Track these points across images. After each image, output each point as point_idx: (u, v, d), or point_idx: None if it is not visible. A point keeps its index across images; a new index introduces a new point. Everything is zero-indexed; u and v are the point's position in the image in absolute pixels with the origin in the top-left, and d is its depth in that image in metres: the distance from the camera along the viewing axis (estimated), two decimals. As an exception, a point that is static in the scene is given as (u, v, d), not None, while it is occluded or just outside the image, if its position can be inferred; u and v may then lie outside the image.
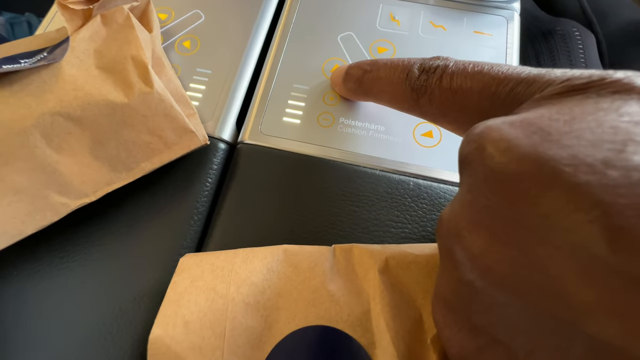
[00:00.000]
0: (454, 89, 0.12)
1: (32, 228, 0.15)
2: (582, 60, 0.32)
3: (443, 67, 0.13)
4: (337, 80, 0.19)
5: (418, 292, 0.13)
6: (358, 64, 0.17)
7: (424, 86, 0.13)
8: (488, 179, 0.09)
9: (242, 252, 0.14)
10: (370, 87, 0.16)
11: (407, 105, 0.14)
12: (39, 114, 0.15)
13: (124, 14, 0.17)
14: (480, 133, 0.09)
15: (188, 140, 0.16)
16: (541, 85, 0.10)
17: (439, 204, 0.17)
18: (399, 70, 0.14)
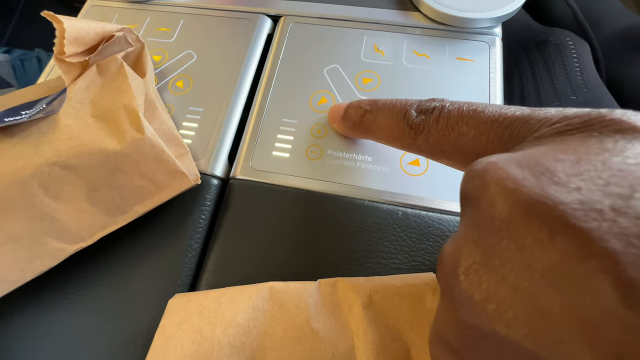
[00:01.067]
0: (451, 126, 0.13)
1: (32, 274, 0.16)
2: (577, 69, 0.33)
3: (440, 108, 0.13)
4: (334, 117, 0.19)
5: (404, 325, 0.13)
6: (357, 104, 0.18)
7: (422, 125, 0.14)
8: (494, 219, 0.09)
9: (228, 292, 0.14)
10: (369, 126, 0.17)
11: (404, 143, 0.15)
12: (37, 164, 0.15)
13: (118, 63, 0.18)
14: (485, 170, 0.09)
15: (179, 181, 0.17)
16: (538, 123, 0.10)
17: (428, 233, 0.17)
18: (397, 110, 0.15)
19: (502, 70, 0.21)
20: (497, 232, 0.08)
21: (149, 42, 0.24)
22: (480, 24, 0.22)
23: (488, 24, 0.22)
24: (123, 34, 0.20)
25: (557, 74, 0.33)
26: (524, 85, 0.34)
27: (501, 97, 0.20)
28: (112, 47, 0.20)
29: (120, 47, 0.20)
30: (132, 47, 0.20)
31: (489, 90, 0.20)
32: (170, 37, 0.24)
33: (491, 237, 0.09)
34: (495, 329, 0.08)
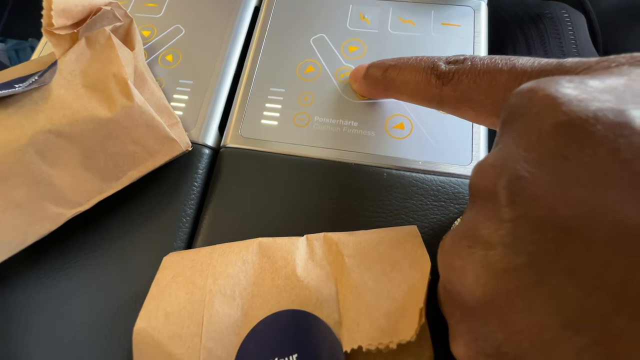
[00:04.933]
0: (483, 72, 0.13)
1: (33, 237, 0.16)
2: (573, 43, 0.32)
3: (471, 58, 0.14)
4: (356, 76, 0.19)
5: (385, 267, 0.14)
6: (382, 61, 0.18)
7: (451, 73, 0.14)
8: (555, 127, 0.09)
9: (219, 248, 0.15)
10: (392, 81, 0.17)
11: (429, 94, 0.15)
12: (32, 132, 0.16)
13: (106, 35, 0.19)
14: (535, 87, 0.09)
15: (170, 147, 0.18)
16: (574, 65, 0.11)
17: (411, 192, 0.18)
18: (424, 63, 0.15)
19: (487, 34, 0.22)
20: (550, 139, 0.09)
21: (138, 18, 0.24)
22: (465, -11, 0.22)
23: (473, -11, 0.22)
24: (111, 9, 0.20)
25: (552, 47, 0.33)
26: (518, 58, 0.34)
27: (485, 60, 0.21)
28: (100, 21, 0.20)
29: (109, 21, 0.20)
30: (120, 22, 0.20)
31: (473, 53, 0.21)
32: (158, 13, 0.24)
33: (541, 144, 0.09)
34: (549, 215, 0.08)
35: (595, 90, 0.09)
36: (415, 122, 0.19)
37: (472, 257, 0.09)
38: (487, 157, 0.10)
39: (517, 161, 0.09)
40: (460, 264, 0.10)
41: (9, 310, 0.18)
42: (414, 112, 0.20)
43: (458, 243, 0.10)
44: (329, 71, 0.21)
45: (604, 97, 0.08)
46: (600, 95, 0.08)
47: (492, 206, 0.09)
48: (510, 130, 0.10)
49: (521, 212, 0.09)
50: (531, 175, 0.09)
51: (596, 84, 0.09)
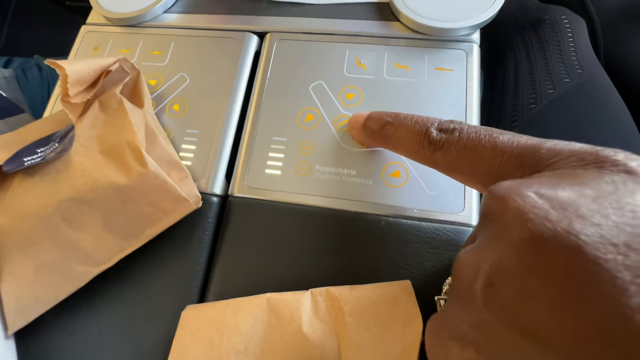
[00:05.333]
0: (469, 147, 0.14)
1: (64, 294, 0.18)
2: (572, 49, 0.33)
3: (459, 129, 0.15)
4: (354, 125, 0.21)
5: (381, 327, 0.15)
6: (379, 115, 0.19)
7: (442, 143, 0.15)
8: (513, 241, 0.10)
9: (232, 304, 0.17)
10: (389, 137, 0.18)
11: (422, 156, 0.17)
12: (58, 201, 0.18)
13: (117, 99, 0.20)
14: (507, 195, 0.10)
15: (182, 206, 0.19)
16: (548, 153, 0.12)
17: (408, 240, 0.19)
18: (419, 126, 0.17)
19: (480, 78, 0.22)
20: (521, 253, 0.10)
21: (144, 67, 0.25)
22: (458, 33, 0.23)
23: (465, 32, 0.23)
24: (119, 64, 0.21)
25: (552, 55, 0.33)
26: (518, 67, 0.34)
27: (477, 107, 0.22)
28: (111, 79, 0.21)
29: (118, 76, 0.22)
30: (128, 74, 0.22)
31: (465, 101, 0.22)
32: (163, 61, 0.25)
33: (513, 257, 0.10)
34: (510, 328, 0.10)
35: (560, 206, 0.10)
36: (410, 170, 0.21)
37: (452, 350, 0.11)
38: (468, 250, 0.12)
39: (491, 268, 0.10)
40: (442, 354, 0.11)
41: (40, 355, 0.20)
42: (409, 160, 0.21)
43: (442, 332, 0.11)
44: (327, 120, 0.22)
45: (568, 215, 0.10)
46: (564, 213, 0.10)
47: (471, 304, 0.11)
48: (486, 229, 0.11)
49: (493, 317, 0.10)
50: (501, 285, 0.10)
51: (563, 197, 0.10)
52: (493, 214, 0.11)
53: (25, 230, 0.17)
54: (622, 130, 0.26)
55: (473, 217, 0.19)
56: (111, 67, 0.21)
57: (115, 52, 0.26)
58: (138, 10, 0.26)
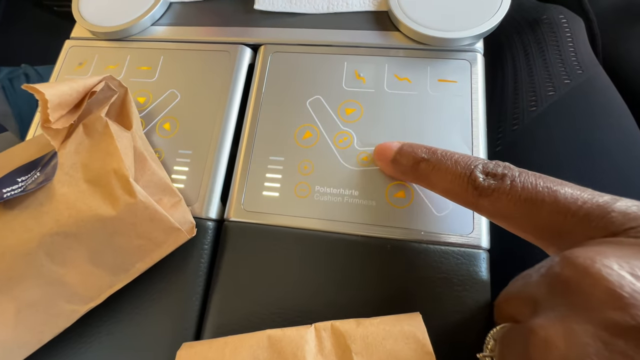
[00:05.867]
0: (523, 199, 0.13)
1: (49, 336, 0.17)
2: (571, 49, 0.32)
3: (511, 177, 0.14)
4: (381, 157, 0.19)
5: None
6: (411, 149, 0.17)
7: (489, 189, 0.14)
8: (625, 329, 0.09)
9: (231, 342, 0.16)
10: (425, 176, 0.17)
11: (464, 199, 0.15)
12: (41, 235, 0.16)
13: (103, 122, 0.19)
14: (593, 269, 0.10)
15: (175, 237, 0.18)
16: (622, 217, 0.11)
17: (414, 264, 0.18)
18: (460, 167, 0.15)
19: (485, 89, 0.21)
20: (610, 336, 0.09)
21: (132, 83, 0.24)
22: (461, 43, 0.22)
23: (469, 42, 0.22)
24: (105, 83, 0.20)
25: (551, 55, 0.32)
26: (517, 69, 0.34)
27: (483, 119, 0.21)
28: (97, 98, 0.20)
29: (104, 94, 0.20)
30: (115, 93, 0.20)
31: (471, 113, 0.21)
32: (152, 77, 0.24)
33: (603, 340, 0.09)
34: None
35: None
36: (415, 189, 0.20)
37: None
38: (545, 323, 0.11)
39: (588, 353, 0.09)
40: None
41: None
42: (414, 178, 0.20)
43: None
44: (327, 137, 0.21)
45: None
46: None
47: None
48: (570, 305, 0.10)
49: None
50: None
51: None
52: (574, 285, 0.10)
53: (5, 269, 0.16)
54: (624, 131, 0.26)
55: (482, 239, 0.18)
56: (96, 87, 0.19)
57: (101, 67, 0.25)
58: (125, 23, 0.25)
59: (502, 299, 0.15)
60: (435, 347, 0.15)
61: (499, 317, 0.15)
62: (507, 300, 0.14)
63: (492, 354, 0.14)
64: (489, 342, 0.14)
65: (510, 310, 0.14)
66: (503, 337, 0.13)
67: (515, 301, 0.14)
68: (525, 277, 0.14)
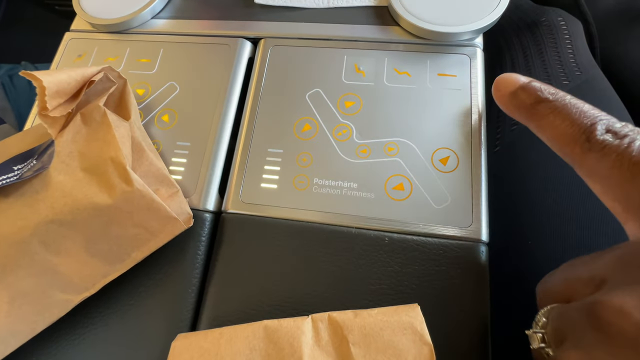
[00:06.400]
0: (633, 163, 0.12)
1: (43, 325, 0.17)
2: (570, 51, 0.32)
3: (632, 138, 0.13)
4: (503, 89, 0.18)
5: (390, 358, 0.14)
6: (537, 87, 0.16)
7: (604, 144, 0.13)
8: None
9: (227, 332, 0.16)
10: (540, 117, 0.16)
11: (570, 152, 0.14)
12: (35, 223, 0.16)
13: (101, 112, 0.18)
14: None
15: (172, 227, 0.18)
16: None
17: (413, 257, 0.18)
18: (583, 116, 0.14)
19: (484, 83, 0.21)
20: None
21: (131, 75, 0.24)
22: (461, 37, 0.22)
23: (468, 37, 0.22)
24: (104, 74, 0.20)
25: (549, 57, 0.32)
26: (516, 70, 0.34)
27: (483, 112, 0.21)
28: (95, 88, 0.20)
29: (103, 85, 0.20)
30: (114, 84, 0.20)
31: (470, 107, 0.21)
32: (152, 69, 0.24)
33: None
34: None
35: None
36: (414, 182, 0.19)
37: None
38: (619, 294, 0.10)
39: None
40: None
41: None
42: (412, 171, 0.20)
43: None
44: (326, 130, 0.21)
45: None
46: None
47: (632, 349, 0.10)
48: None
49: None
50: None
51: None
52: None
53: (-1, 257, 0.16)
54: None
55: (482, 232, 0.18)
56: (95, 77, 0.19)
57: (100, 59, 0.25)
58: (125, 15, 0.25)
59: (555, 281, 0.14)
60: (433, 339, 0.14)
61: (548, 300, 0.14)
62: (563, 281, 0.13)
63: (543, 330, 0.13)
64: (540, 319, 0.13)
65: (565, 291, 0.13)
66: (560, 314, 0.13)
67: (573, 281, 0.13)
68: (580, 262, 0.13)
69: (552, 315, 0.13)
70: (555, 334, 0.12)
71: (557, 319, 0.13)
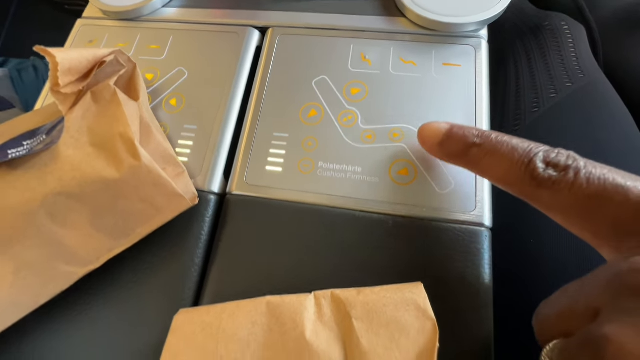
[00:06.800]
0: (589, 195, 0.12)
1: (46, 297, 0.17)
2: (573, 54, 0.32)
3: (575, 169, 0.13)
4: (427, 140, 0.18)
5: (394, 333, 0.14)
6: (462, 133, 0.16)
7: (549, 181, 0.13)
8: None
9: (229, 307, 0.16)
10: (476, 162, 0.16)
11: (519, 190, 0.14)
12: (43, 195, 0.16)
13: (111, 90, 0.19)
14: None
15: (177, 203, 0.18)
16: None
17: (417, 241, 0.18)
18: (518, 155, 0.14)
19: (489, 73, 0.22)
20: None
21: (141, 61, 0.24)
22: (466, 28, 0.22)
23: (473, 28, 0.22)
24: (114, 57, 0.20)
25: (553, 60, 0.32)
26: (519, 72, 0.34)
27: (487, 102, 0.21)
28: (105, 71, 0.20)
29: (113, 68, 0.21)
30: (124, 67, 0.21)
31: (475, 96, 0.21)
32: (161, 55, 0.24)
33: None
34: None
35: None
36: (418, 167, 0.20)
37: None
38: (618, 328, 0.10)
39: None
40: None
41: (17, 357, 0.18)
42: (417, 156, 0.20)
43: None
44: (331, 115, 0.21)
45: None
46: None
47: None
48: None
49: None
50: None
51: None
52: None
53: (6, 228, 0.16)
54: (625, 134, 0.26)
55: (485, 217, 0.18)
56: (106, 58, 0.20)
57: (111, 45, 0.25)
58: (136, 3, 0.25)
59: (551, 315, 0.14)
60: (438, 320, 0.14)
61: (547, 335, 0.13)
62: (559, 315, 0.13)
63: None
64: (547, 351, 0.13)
65: (563, 325, 0.13)
66: (562, 351, 0.12)
67: (569, 314, 0.13)
68: (572, 291, 0.13)
69: (555, 355, 0.13)
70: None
71: (560, 357, 0.12)
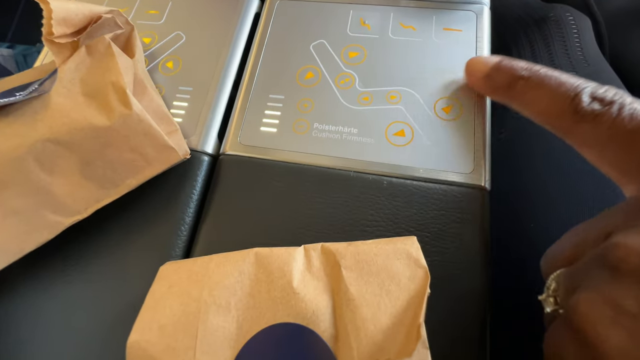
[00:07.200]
0: (628, 130, 0.12)
1: (32, 245, 0.16)
2: (578, 46, 0.32)
3: (620, 104, 0.13)
4: (475, 72, 0.18)
5: (385, 280, 0.14)
6: (510, 66, 0.16)
7: (593, 115, 0.13)
8: None
9: (216, 257, 0.15)
10: (520, 95, 0.15)
11: (559, 124, 0.14)
12: (32, 141, 0.16)
13: (106, 43, 0.19)
14: None
15: (168, 156, 0.18)
16: None
17: (412, 201, 0.18)
18: (564, 89, 0.14)
19: (490, 39, 0.21)
20: None
21: (139, 25, 0.24)
22: (467, -7, 0.22)
23: (475, -7, 0.22)
24: (112, 16, 0.20)
25: (557, 50, 0.32)
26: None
27: (488, 66, 0.20)
28: (101, 29, 0.20)
29: (110, 29, 0.20)
30: (121, 29, 0.20)
31: (475, 60, 0.20)
32: (160, 20, 0.24)
33: None
34: None
35: None
36: (415, 129, 0.19)
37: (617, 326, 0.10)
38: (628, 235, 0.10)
39: None
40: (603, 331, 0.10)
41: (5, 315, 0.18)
42: (414, 118, 0.19)
43: (601, 311, 0.10)
44: (328, 77, 0.21)
45: None
46: None
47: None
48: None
49: None
50: None
51: None
52: None
53: (-6, 172, 0.16)
54: None
55: (482, 178, 0.18)
56: (103, 14, 0.19)
57: (110, 12, 0.25)
58: (136, -30, 0.25)
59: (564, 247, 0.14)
60: (431, 283, 0.14)
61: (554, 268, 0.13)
62: (574, 246, 0.13)
63: (555, 294, 0.13)
64: (551, 284, 0.13)
65: (575, 255, 0.13)
66: (570, 273, 0.12)
67: (582, 245, 0.13)
68: (582, 228, 0.13)
69: (561, 278, 0.13)
70: (567, 293, 0.12)
71: (567, 278, 0.12)
